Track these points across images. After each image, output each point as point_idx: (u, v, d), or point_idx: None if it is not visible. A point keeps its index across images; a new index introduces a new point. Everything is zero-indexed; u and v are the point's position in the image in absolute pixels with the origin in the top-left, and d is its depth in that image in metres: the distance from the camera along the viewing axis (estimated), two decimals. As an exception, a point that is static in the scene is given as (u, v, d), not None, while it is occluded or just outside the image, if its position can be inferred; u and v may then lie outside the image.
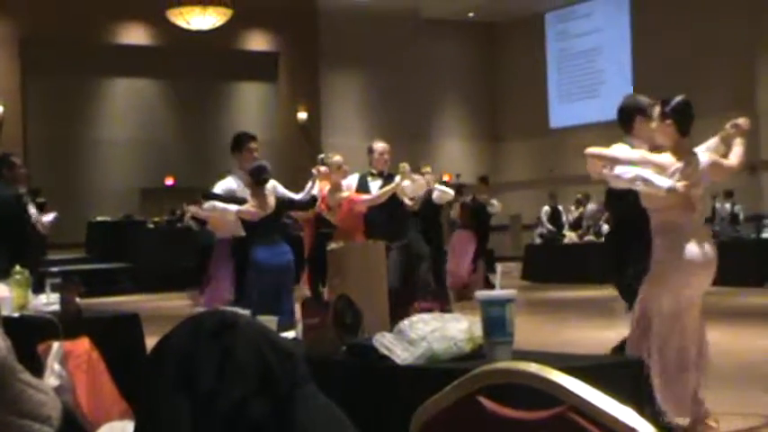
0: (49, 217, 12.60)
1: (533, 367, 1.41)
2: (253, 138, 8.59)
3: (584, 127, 26.34)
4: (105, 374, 4.56)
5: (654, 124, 5.68)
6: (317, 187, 8.68)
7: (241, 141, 8.49)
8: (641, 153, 5.60)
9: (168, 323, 1.53)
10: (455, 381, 1.50)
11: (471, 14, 27.66)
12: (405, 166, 9.84)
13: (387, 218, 9.65)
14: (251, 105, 26.28)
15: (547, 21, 27.90)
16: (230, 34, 23.80)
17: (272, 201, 7.95)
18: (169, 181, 24.53)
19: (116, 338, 5.38)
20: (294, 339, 3.76)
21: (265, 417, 1.37)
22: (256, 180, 7.93)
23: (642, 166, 5.40)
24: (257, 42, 25.98)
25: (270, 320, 3.75)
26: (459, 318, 3.36)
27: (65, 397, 3.81)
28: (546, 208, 21.86)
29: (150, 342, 5.56)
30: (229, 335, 1.41)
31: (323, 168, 8.88)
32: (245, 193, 7.97)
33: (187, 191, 20.08)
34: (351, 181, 9.98)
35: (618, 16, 25.92)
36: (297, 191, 8.88)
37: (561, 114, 27.56)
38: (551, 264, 19.73)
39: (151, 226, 21.83)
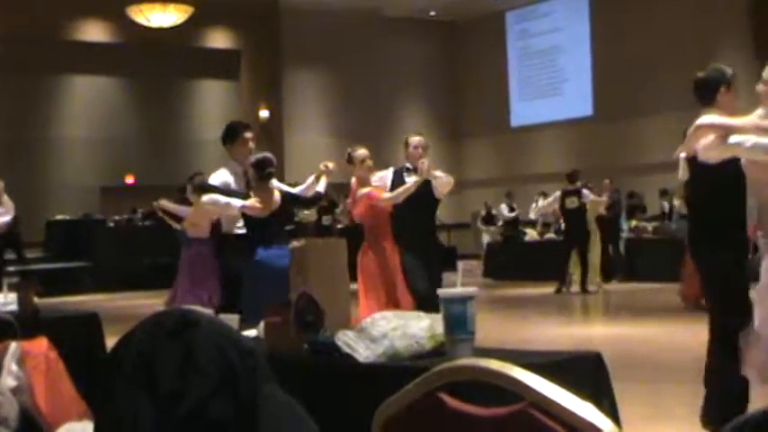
0: (6, 218, 12.53)
1: (494, 364, 1.42)
2: (248, 127, 7.99)
3: (545, 125, 26.51)
4: (64, 375, 4.52)
5: (760, 87, 5.45)
6: (324, 184, 7.90)
7: (236, 131, 7.82)
8: (753, 120, 5.25)
9: (129, 323, 1.53)
10: (417, 378, 1.50)
11: (433, 13, 27.72)
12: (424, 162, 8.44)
13: (413, 217, 8.40)
14: (212, 103, 26.15)
15: (507, 19, 27.99)
16: (191, 32, 23.69)
17: (277, 196, 7.38)
18: (129, 179, 24.38)
19: (75, 338, 5.34)
20: (256, 338, 3.75)
21: (227, 416, 1.36)
22: (261, 173, 7.37)
23: (756, 134, 5.00)
24: (219, 40, 25.87)
25: (232, 319, 3.74)
26: (421, 315, 3.37)
27: (22, 398, 3.78)
28: (503, 206, 22.14)
29: (111, 342, 5.52)
30: (190, 334, 1.41)
31: (330, 165, 7.96)
32: (239, 187, 7.48)
33: (148, 189, 19.97)
34: (384, 176, 8.82)
35: (578, 15, 26.04)
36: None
37: (522, 113, 27.67)
38: (512, 261, 19.82)
39: (111, 224, 21.67)
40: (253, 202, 7.16)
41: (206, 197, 7.50)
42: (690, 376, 7.91)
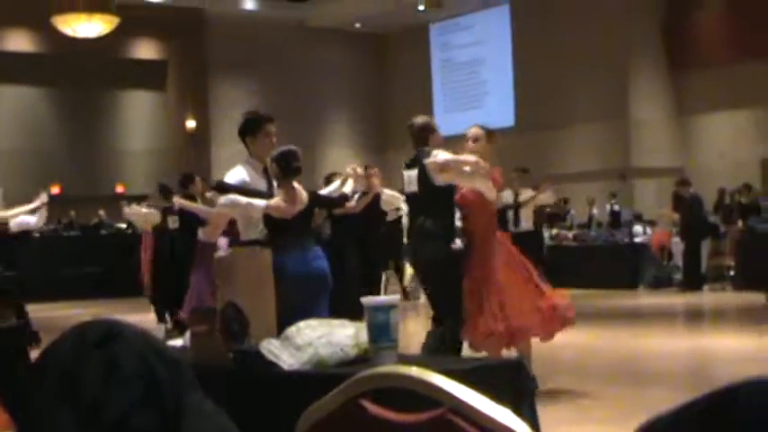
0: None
1: (414, 371, 1.43)
2: (271, 119, 6.96)
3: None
4: (-12, 386, 4.45)
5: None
6: (350, 186, 7.16)
7: (257, 123, 6.88)
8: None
9: (56, 333, 1.51)
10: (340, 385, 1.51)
11: (358, 25, 27.77)
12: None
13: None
14: (139, 114, 25.92)
15: (431, 32, 28.15)
16: (117, 42, 23.45)
17: (304, 195, 6.47)
18: (55, 189, 24.03)
19: (-1, 349, 5.26)
20: (182, 347, 3.73)
21: (152, 426, 1.35)
22: (286, 169, 6.48)
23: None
24: (145, 51, 25.65)
25: (158, 329, 3.71)
26: (346, 324, 3.38)
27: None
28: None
29: (36, 352, 5.44)
30: (114, 345, 1.40)
31: (359, 169, 7.37)
32: (259, 185, 6.56)
33: (74, 199, 19.75)
34: None
35: (499, 29, 26.29)
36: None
37: (446, 124, 27.63)
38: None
39: (37, 235, 21.32)
40: (278, 201, 6.31)
41: (224, 198, 6.53)
42: (610, 380, 8.05)
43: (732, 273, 16.68)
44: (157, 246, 13.43)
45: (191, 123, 25.80)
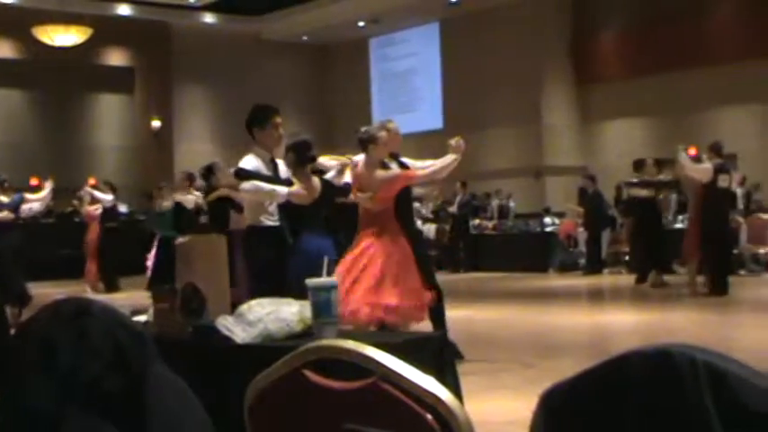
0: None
1: (350, 344, 1.44)
2: (277, 111, 6.48)
3: (402, 137, 26.68)
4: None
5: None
6: (349, 175, 6.49)
7: (265, 115, 6.37)
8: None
9: (33, 309, 1.50)
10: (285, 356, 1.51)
11: (305, 38, 27.65)
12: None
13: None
14: (109, 115, 25.66)
15: (371, 45, 28.14)
16: (90, 51, 23.22)
17: (317, 183, 6.06)
18: (34, 181, 23.66)
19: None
20: (146, 323, 3.70)
21: (119, 390, 1.35)
22: (302, 158, 6.07)
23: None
24: (115, 58, 25.40)
25: (123, 306, 3.68)
26: (292, 302, 3.38)
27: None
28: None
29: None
30: (85, 319, 1.39)
31: (354, 158, 6.74)
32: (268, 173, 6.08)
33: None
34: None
35: (430, 43, 26.37)
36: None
37: (382, 126, 27.80)
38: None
39: (20, 221, 20.95)
40: (298, 188, 5.87)
41: (247, 184, 5.98)
42: (520, 351, 8.12)
43: (627, 258, 16.92)
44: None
45: (155, 123, 25.59)
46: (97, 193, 16.41)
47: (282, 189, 5.87)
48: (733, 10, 20.68)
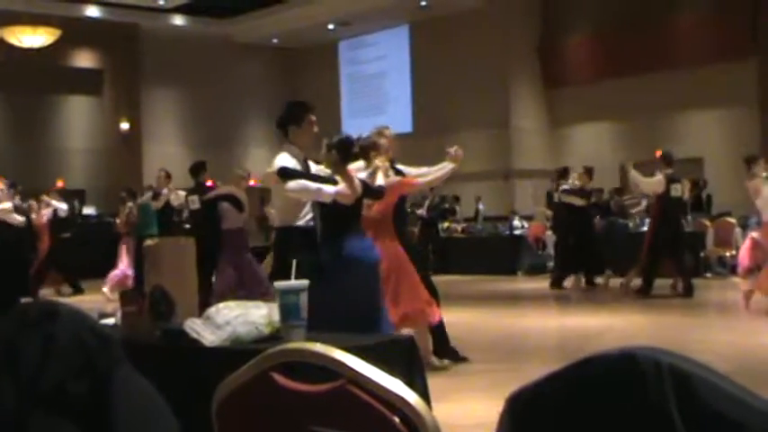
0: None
1: (317, 347, 1.44)
2: (313, 109, 6.31)
3: (371, 140, 26.73)
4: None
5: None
6: (381, 178, 6.14)
7: (300, 112, 6.19)
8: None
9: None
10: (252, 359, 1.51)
11: (275, 41, 27.60)
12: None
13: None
14: (78, 116, 25.46)
15: (340, 48, 28.13)
16: (59, 52, 23.04)
17: (357, 182, 5.71)
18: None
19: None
20: (114, 326, 3.68)
21: (85, 395, 1.34)
22: (347, 156, 5.80)
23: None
24: (83, 60, 25.22)
25: (91, 309, 3.65)
26: (260, 305, 3.37)
27: None
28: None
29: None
30: (51, 323, 1.38)
31: (386, 162, 6.47)
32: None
33: (19, 191, 19.21)
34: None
35: (399, 46, 26.39)
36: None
37: (352, 128, 27.68)
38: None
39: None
40: (344, 187, 5.57)
41: (293, 183, 5.69)
42: (489, 353, 8.14)
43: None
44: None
45: (124, 125, 25.45)
46: (54, 202, 16.22)
47: (330, 188, 5.58)
48: (696, 16, 20.89)
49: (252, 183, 11.70)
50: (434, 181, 7.33)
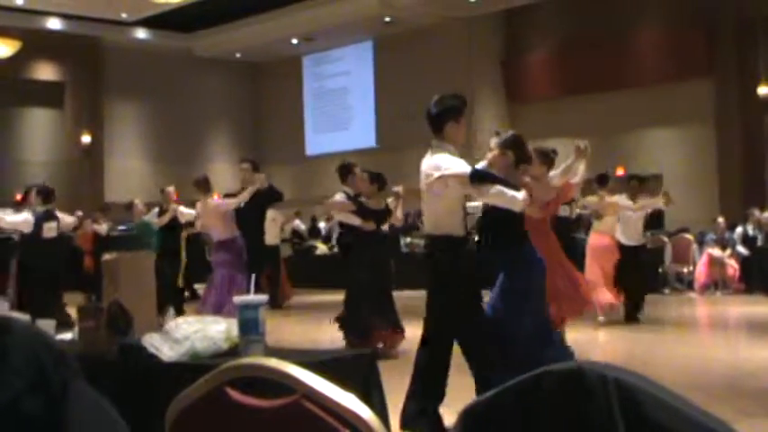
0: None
1: (272, 362, 1.44)
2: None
3: (336, 154, 26.72)
4: None
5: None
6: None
7: (461, 104, 5.97)
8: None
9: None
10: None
11: (238, 55, 27.56)
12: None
13: None
14: (39, 129, 25.24)
15: (304, 63, 28.14)
16: (19, 64, 22.84)
17: (532, 186, 5.58)
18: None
19: None
20: (71, 341, 3.65)
21: (39, 410, 1.33)
22: (524, 156, 5.67)
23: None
24: (44, 72, 25.00)
25: (47, 324, 3.62)
26: (219, 320, 3.36)
27: None
28: (297, 222, 22.28)
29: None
30: (4, 339, 1.37)
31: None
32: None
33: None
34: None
35: (363, 62, 26.46)
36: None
37: (316, 144, 27.82)
38: (305, 271, 19.86)
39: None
40: (526, 195, 5.19)
41: (493, 189, 5.29)
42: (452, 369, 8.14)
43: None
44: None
45: (86, 138, 25.25)
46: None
47: (521, 194, 5.11)
48: (654, 35, 21.19)
49: (216, 198, 11.59)
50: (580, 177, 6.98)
